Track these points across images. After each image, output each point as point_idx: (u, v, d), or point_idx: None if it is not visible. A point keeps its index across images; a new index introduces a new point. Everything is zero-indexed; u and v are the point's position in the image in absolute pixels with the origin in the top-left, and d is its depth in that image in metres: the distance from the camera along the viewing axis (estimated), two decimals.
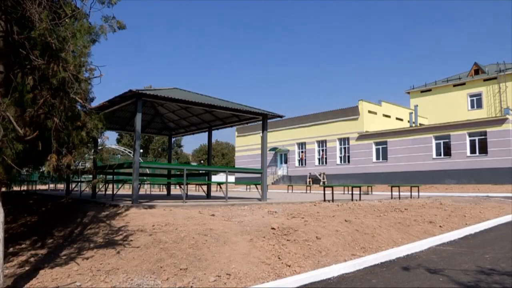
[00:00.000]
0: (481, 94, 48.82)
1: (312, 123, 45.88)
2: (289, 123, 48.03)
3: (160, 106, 17.72)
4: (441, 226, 10.59)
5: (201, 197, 16.89)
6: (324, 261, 6.77)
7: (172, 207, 10.29)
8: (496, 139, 32.58)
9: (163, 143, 71.20)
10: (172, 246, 6.60)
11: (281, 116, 15.50)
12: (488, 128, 33.22)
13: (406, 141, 37.92)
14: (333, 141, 43.86)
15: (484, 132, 33.44)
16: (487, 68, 50.69)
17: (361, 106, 41.35)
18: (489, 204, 15.79)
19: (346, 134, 42.49)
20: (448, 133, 35.33)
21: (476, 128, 33.98)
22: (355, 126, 41.75)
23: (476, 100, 49.29)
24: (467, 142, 34.29)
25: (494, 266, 6.81)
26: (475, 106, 49.20)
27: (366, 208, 12.01)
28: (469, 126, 34.45)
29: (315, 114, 45.89)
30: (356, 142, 41.64)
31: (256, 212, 10.18)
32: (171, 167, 18.06)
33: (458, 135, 34.72)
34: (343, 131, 42.78)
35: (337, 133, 43.32)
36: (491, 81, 48.25)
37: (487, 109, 47.79)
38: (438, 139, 36.10)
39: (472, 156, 33.85)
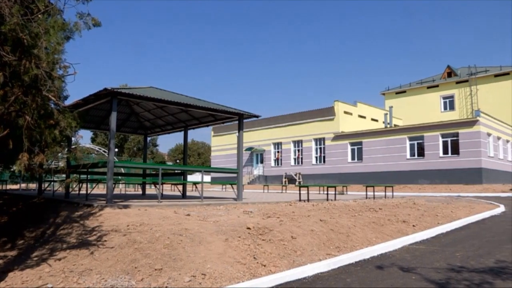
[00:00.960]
0: (454, 96, 49.82)
1: (288, 123, 46.06)
2: (265, 123, 48.12)
3: (135, 105, 17.54)
4: (414, 225, 10.75)
5: (176, 197, 16.78)
6: (299, 261, 6.79)
7: (147, 207, 10.20)
8: (467, 140, 33.28)
9: (139, 142, 70.48)
10: (146, 246, 6.53)
11: (257, 116, 15.51)
12: (460, 129, 33.90)
13: (381, 141, 38.39)
14: (309, 141, 44.12)
15: (456, 134, 34.11)
16: (459, 71, 51.78)
17: (336, 106, 41.70)
18: (460, 203, 16.12)
19: (322, 134, 42.79)
20: (422, 134, 35.91)
21: (448, 129, 34.64)
22: (330, 126, 42.07)
23: (449, 102, 50.31)
24: (439, 143, 34.92)
25: (464, 264, 6.95)
26: (447, 108, 50.19)
27: (341, 208, 12.11)
28: (441, 128, 35.09)
29: (291, 114, 46.08)
30: (331, 142, 41.97)
31: (231, 212, 10.16)
32: (146, 166, 17.89)
33: (431, 136, 35.34)
34: (319, 131, 43.07)
35: (313, 133, 43.60)
36: (463, 83, 49.31)
37: (459, 111, 48.79)
38: (412, 140, 36.67)
39: (444, 157, 34.49)
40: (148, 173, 20.60)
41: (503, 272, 6.37)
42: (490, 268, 6.67)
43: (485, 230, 11.05)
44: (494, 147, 36.01)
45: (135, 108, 18.19)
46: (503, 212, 15.46)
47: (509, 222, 12.59)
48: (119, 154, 64.55)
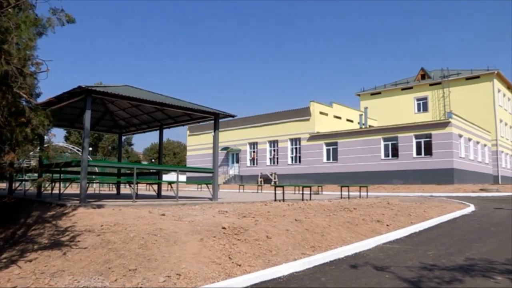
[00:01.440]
0: (427, 98, 50.74)
1: (264, 123, 46.15)
2: (241, 123, 48.11)
3: (110, 103, 17.32)
4: (388, 225, 10.89)
5: (151, 197, 16.63)
6: (274, 260, 6.81)
7: (121, 207, 10.08)
8: (440, 141, 33.92)
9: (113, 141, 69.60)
10: (121, 247, 6.46)
11: (233, 115, 15.49)
12: (433, 130, 34.52)
13: (356, 142, 38.80)
14: (284, 141, 44.28)
15: (429, 135, 34.71)
16: (432, 74, 52.75)
17: (312, 107, 41.97)
18: (432, 203, 16.40)
19: (298, 135, 43.01)
20: (396, 135, 36.44)
21: (422, 130, 35.24)
22: (306, 126, 42.32)
23: (422, 103, 51.22)
24: (413, 144, 35.50)
25: (436, 262, 7.08)
26: (421, 110, 51.08)
27: (316, 207, 12.19)
28: (415, 129, 35.68)
29: (267, 114, 46.18)
30: (307, 143, 42.22)
31: (207, 212, 10.13)
32: (121, 165, 17.68)
33: (405, 137, 35.89)
34: (294, 131, 43.27)
35: (289, 134, 43.78)
36: (436, 86, 50.26)
37: (432, 113, 49.69)
38: (387, 141, 37.17)
39: (418, 158, 35.07)
40: (123, 173, 20.37)
41: (472, 270, 6.52)
42: (460, 265, 6.82)
43: (456, 229, 11.27)
44: (465, 148, 36.80)
45: (110, 107, 17.96)
46: (473, 211, 15.80)
47: (478, 221, 12.88)
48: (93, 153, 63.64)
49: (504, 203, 19.16)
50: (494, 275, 6.20)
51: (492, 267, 6.70)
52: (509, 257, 7.57)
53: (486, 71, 46.39)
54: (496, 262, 7.12)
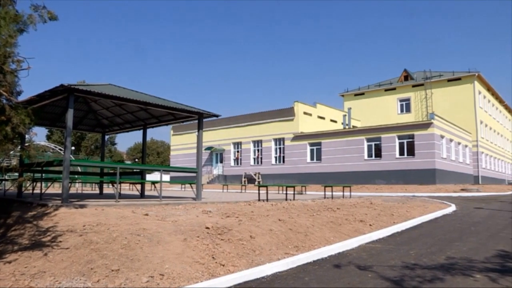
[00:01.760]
0: (410, 99, 51.24)
1: (248, 123, 46.14)
2: (225, 123, 48.04)
3: (93, 102, 17.16)
4: (371, 224, 10.98)
5: (135, 196, 16.53)
6: (258, 260, 6.82)
7: (104, 207, 10.00)
8: (422, 142, 34.30)
9: (96, 140, 68.97)
10: (103, 247, 6.41)
11: (217, 115, 15.47)
12: (415, 131, 34.88)
13: (340, 142, 39.01)
14: (268, 141, 44.33)
15: (412, 135, 35.06)
16: (415, 75, 53.32)
17: (296, 107, 42.09)
18: (415, 203, 16.58)
19: (282, 135, 43.10)
20: (379, 135, 36.73)
21: (404, 131, 35.58)
22: (290, 126, 42.43)
23: (405, 104, 51.71)
24: (396, 145, 35.83)
25: (418, 261, 7.17)
26: (404, 110, 51.57)
27: (300, 207, 12.23)
28: (398, 129, 36.01)
29: (251, 114, 46.19)
30: (291, 143, 42.33)
31: (190, 212, 10.10)
32: (104, 165, 17.52)
33: (388, 138, 36.20)
34: (278, 131, 43.35)
35: (273, 134, 43.85)
36: (418, 87, 50.78)
37: (414, 114, 50.21)
38: (370, 141, 37.45)
39: (400, 158, 35.40)
40: (106, 172, 20.20)
41: (453, 268, 6.62)
42: (441, 264, 6.91)
43: (438, 229, 11.41)
44: (447, 149, 37.25)
45: (93, 106, 17.79)
46: (454, 211, 16.01)
47: (459, 221, 13.06)
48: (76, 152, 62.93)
49: (484, 203, 19.47)
50: (474, 273, 6.31)
51: (471, 266, 6.81)
52: (488, 255, 7.71)
53: (467, 73, 47.02)
54: (476, 260, 7.24)
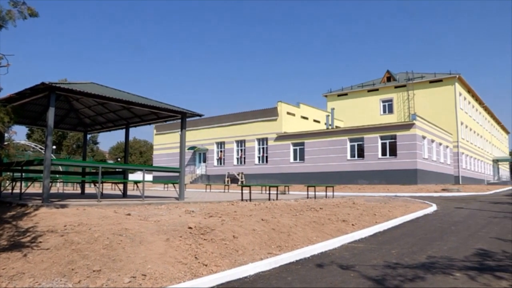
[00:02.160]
0: (392, 100, 51.69)
1: (231, 123, 46.09)
2: (208, 123, 47.92)
3: (75, 100, 16.97)
4: (353, 224, 11.05)
5: (117, 196, 16.39)
6: (240, 260, 6.82)
7: (86, 206, 9.90)
8: (404, 142, 34.65)
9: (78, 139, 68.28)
10: (85, 247, 6.34)
11: (201, 115, 15.43)
12: (398, 132, 35.22)
13: (323, 142, 39.19)
14: (252, 141, 44.35)
15: (394, 136, 35.39)
16: (398, 76, 53.80)
17: (280, 107, 42.17)
18: (396, 203, 16.74)
19: (265, 135, 43.14)
20: (362, 136, 37.00)
21: (387, 132, 35.89)
22: (273, 126, 42.49)
23: (388, 105, 52.15)
24: (378, 145, 36.13)
25: (399, 261, 7.25)
26: (386, 111, 52.01)
27: (283, 207, 12.26)
28: (381, 130, 36.31)
29: (234, 114, 46.15)
30: (274, 143, 42.40)
31: (173, 212, 10.06)
32: (86, 164, 17.36)
33: (370, 138, 36.48)
34: (262, 131, 43.39)
35: (256, 134, 43.87)
36: (401, 88, 51.24)
37: (397, 114, 50.67)
38: (353, 141, 37.71)
39: (383, 158, 35.71)
40: (88, 172, 20.00)
41: (433, 267, 6.71)
42: (422, 263, 7.00)
43: (419, 228, 11.54)
44: (428, 149, 37.69)
45: (75, 104, 17.60)
46: (435, 211, 16.20)
47: (440, 220, 13.22)
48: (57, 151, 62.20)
49: (464, 203, 19.75)
50: (454, 272, 6.41)
51: (451, 264, 6.91)
52: (468, 254, 7.83)
53: (448, 75, 47.61)
54: (456, 259, 7.35)
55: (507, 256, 7.70)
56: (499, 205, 18.66)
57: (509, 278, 6.10)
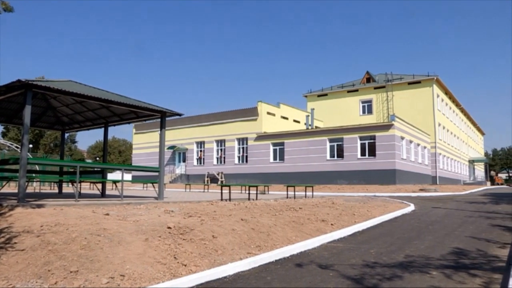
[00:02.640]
0: (372, 101, 52.20)
1: (211, 123, 45.99)
2: (188, 122, 47.72)
3: (53, 98, 16.71)
4: (332, 224, 11.12)
5: (95, 196, 16.20)
6: (220, 260, 6.81)
7: (63, 206, 9.75)
8: (383, 143, 35.02)
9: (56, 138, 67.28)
10: (62, 248, 6.25)
11: (180, 114, 15.35)
12: (377, 132, 35.57)
13: (302, 142, 39.35)
14: (231, 141, 44.30)
15: (373, 136, 35.73)
16: (377, 77, 54.37)
17: (260, 107, 42.21)
18: (375, 203, 16.90)
19: (245, 134, 43.13)
20: (342, 136, 37.27)
21: (366, 132, 36.22)
22: (253, 126, 42.51)
23: (367, 106, 52.64)
24: (358, 145, 36.44)
25: (378, 260, 7.33)
26: (366, 112, 52.49)
27: (262, 207, 12.28)
28: (360, 130, 36.63)
29: (214, 114, 46.05)
30: (254, 142, 42.42)
31: (152, 211, 9.98)
32: (63, 164, 17.11)
33: (350, 139, 36.77)
34: (242, 131, 43.37)
35: (236, 133, 43.84)
36: (380, 89, 51.79)
37: (376, 115, 51.19)
38: (332, 142, 37.95)
39: (362, 158, 36.03)
40: (66, 171, 19.71)
41: (411, 266, 6.80)
42: (400, 262, 7.09)
43: (397, 228, 11.68)
44: (407, 150, 38.16)
45: (53, 102, 17.33)
46: (413, 210, 16.41)
47: (417, 220, 13.40)
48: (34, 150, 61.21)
49: (441, 203, 20.05)
50: (430, 270, 6.51)
51: (428, 263, 7.02)
52: (444, 253, 7.97)
53: (427, 77, 48.29)
54: (432, 258, 7.47)
55: (481, 255, 7.87)
56: (474, 204, 19.01)
57: (483, 275, 6.24)
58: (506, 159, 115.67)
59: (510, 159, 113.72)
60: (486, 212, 15.53)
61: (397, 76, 51.97)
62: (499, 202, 20.32)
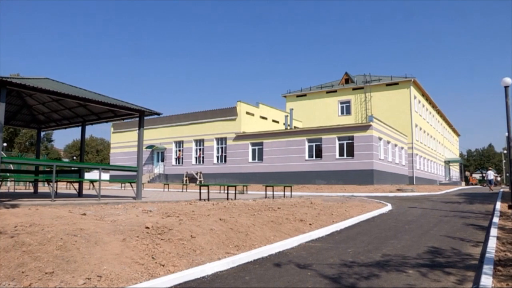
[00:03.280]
0: (350, 101, 52.63)
1: (190, 122, 45.79)
2: (167, 121, 47.43)
3: (28, 96, 16.43)
4: (311, 224, 11.17)
5: (72, 196, 15.99)
6: (198, 260, 6.78)
7: (38, 206, 9.60)
8: (361, 143, 35.34)
9: (31, 137, 66.08)
10: (37, 249, 6.14)
11: (159, 113, 15.27)
12: (355, 133, 35.88)
13: (281, 142, 39.45)
14: (210, 141, 44.18)
15: (351, 137, 36.03)
16: (355, 78, 54.82)
17: (239, 107, 42.19)
18: (353, 203, 17.05)
19: (224, 134, 43.06)
20: (320, 136, 37.48)
21: (344, 133, 36.49)
22: (232, 126, 42.46)
23: (346, 107, 53.04)
24: (336, 146, 36.69)
25: (355, 259, 7.39)
26: (344, 113, 52.88)
27: (241, 207, 12.28)
28: (338, 131, 36.89)
29: (193, 113, 45.86)
30: (233, 142, 42.38)
31: (130, 211, 9.90)
32: (39, 163, 16.81)
33: (328, 139, 37.00)
34: (220, 131, 43.29)
35: (215, 133, 43.74)
36: (358, 90, 52.25)
37: (354, 116, 51.63)
38: (311, 142, 38.13)
39: (340, 159, 36.29)
40: (41, 170, 19.40)
41: (388, 265, 6.88)
42: (377, 262, 7.16)
43: (374, 227, 11.80)
44: (384, 150, 38.59)
45: (28, 100, 17.04)
46: (390, 210, 16.61)
47: (394, 220, 13.56)
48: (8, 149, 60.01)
49: (418, 202, 20.34)
50: (407, 269, 6.60)
51: (405, 262, 7.11)
52: (420, 252, 8.09)
53: (404, 79, 48.91)
54: (409, 257, 7.57)
55: (455, 253, 8.02)
56: (449, 204, 19.33)
57: (457, 273, 6.37)
58: (480, 160, 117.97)
59: (484, 160, 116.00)
60: (461, 212, 15.82)
61: (375, 77, 52.52)
62: (473, 202, 20.73)
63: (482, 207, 17.69)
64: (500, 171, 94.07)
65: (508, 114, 15.41)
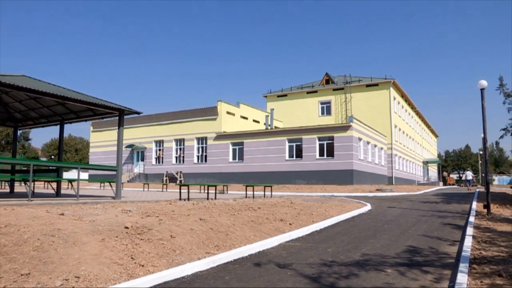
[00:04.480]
0: (331, 102, 52.94)
1: (170, 121, 45.55)
2: (147, 120, 47.10)
3: (4, 94, 16.15)
4: (291, 223, 11.22)
5: (50, 195, 15.75)
6: (178, 260, 6.75)
7: (15, 206, 9.43)
8: (341, 144, 35.58)
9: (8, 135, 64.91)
10: (12, 250, 6.02)
11: (139, 112, 15.15)
12: (335, 133, 36.11)
13: (262, 142, 39.49)
14: (191, 140, 44.01)
15: (331, 137, 36.25)
16: (336, 79, 55.16)
17: (220, 107, 42.10)
18: (333, 202, 17.16)
19: (204, 134, 42.93)
20: (301, 136, 37.62)
21: (324, 133, 36.70)
22: (213, 126, 42.36)
23: (326, 107, 53.33)
24: (316, 146, 36.87)
25: (335, 259, 7.45)
26: (325, 113, 53.16)
27: (221, 206, 12.26)
28: (319, 131, 37.08)
29: (173, 113, 45.63)
30: (213, 142, 42.28)
31: (109, 211, 9.79)
32: (15, 162, 16.53)
33: (309, 139, 37.16)
34: (201, 130, 43.15)
35: (195, 132, 43.58)
36: (339, 91, 52.58)
37: (335, 116, 51.95)
38: (291, 142, 38.25)
39: (320, 159, 36.48)
40: (18, 169, 19.07)
41: (367, 264, 6.95)
42: (357, 261, 7.23)
43: (354, 227, 11.90)
44: (364, 151, 38.92)
45: (4, 98, 16.74)
46: (370, 210, 16.77)
47: (373, 219, 13.70)
48: None
49: (396, 202, 20.59)
50: (385, 268, 6.68)
51: (384, 261, 7.19)
52: (399, 251, 8.19)
53: (384, 80, 49.41)
54: (388, 256, 7.67)
55: (433, 252, 8.16)
56: (427, 204, 19.62)
57: (434, 272, 6.49)
58: (457, 160, 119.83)
59: (461, 160, 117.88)
60: (438, 211, 16.07)
61: (356, 78, 52.92)
62: (450, 202, 21.08)
63: (459, 207, 18.00)
64: (476, 171, 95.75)
65: (484, 116, 15.69)
